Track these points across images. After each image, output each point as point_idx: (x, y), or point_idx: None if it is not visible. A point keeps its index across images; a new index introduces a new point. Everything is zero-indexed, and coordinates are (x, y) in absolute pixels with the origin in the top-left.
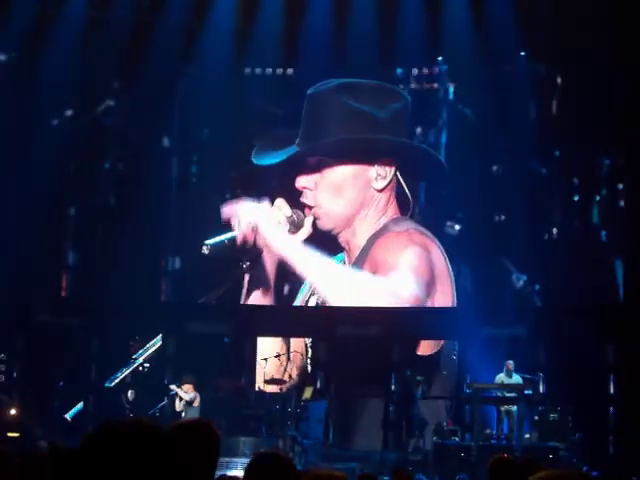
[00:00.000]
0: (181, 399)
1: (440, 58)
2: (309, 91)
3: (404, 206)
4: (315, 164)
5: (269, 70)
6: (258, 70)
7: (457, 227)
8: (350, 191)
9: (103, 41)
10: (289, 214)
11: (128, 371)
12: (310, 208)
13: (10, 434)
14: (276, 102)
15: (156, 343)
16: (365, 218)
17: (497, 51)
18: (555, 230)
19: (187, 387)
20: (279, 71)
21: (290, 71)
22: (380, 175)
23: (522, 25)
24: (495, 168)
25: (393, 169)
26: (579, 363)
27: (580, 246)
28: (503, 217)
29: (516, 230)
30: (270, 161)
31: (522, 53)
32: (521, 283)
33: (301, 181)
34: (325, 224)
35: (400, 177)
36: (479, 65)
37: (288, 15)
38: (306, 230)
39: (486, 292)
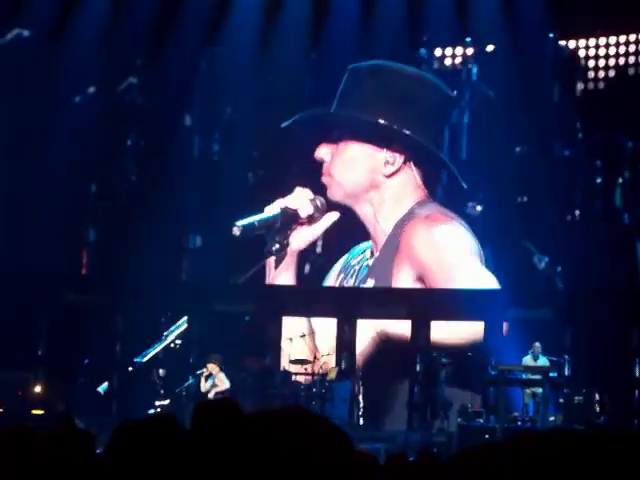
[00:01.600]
0: (207, 378)
1: (469, 39)
2: (351, 65)
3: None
4: (335, 137)
5: (295, 50)
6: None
7: (479, 208)
8: (358, 170)
9: (126, 18)
10: (312, 197)
11: (160, 347)
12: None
13: (35, 411)
14: (300, 81)
15: (182, 325)
16: (384, 203)
17: (522, 32)
18: (577, 212)
19: (212, 366)
20: (304, 51)
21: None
22: (388, 162)
23: (550, 6)
24: (518, 149)
25: (403, 157)
26: (605, 346)
27: (602, 228)
28: (525, 199)
29: (538, 212)
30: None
31: (550, 35)
32: (543, 265)
33: (320, 152)
34: (334, 194)
35: (413, 165)
36: (506, 46)
37: None
38: (330, 217)
39: (508, 273)
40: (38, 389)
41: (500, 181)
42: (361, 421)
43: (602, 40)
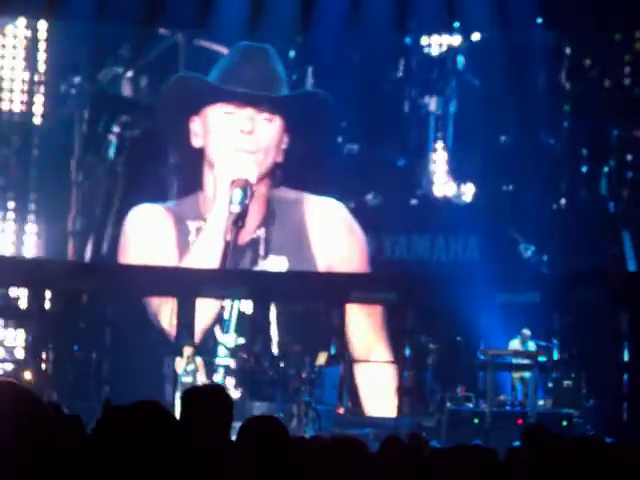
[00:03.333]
0: (188, 362)
1: (457, 24)
2: (243, 43)
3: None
4: (264, 109)
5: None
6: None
7: (464, 197)
8: (273, 151)
9: (113, 7)
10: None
11: None
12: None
13: None
14: (286, 68)
15: None
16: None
17: (509, 20)
18: (563, 201)
19: (187, 349)
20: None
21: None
22: (285, 143)
23: None
24: (503, 138)
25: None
26: (594, 330)
27: (588, 217)
28: (511, 187)
29: (524, 200)
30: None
31: (539, 20)
32: (529, 253)
33: (245, 124)
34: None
35: None
36: (493, 33)
37: None
38: None
39: (493, 261)
40: (28, 376)
41: (486, 170)
42: (350, 406)
43: None
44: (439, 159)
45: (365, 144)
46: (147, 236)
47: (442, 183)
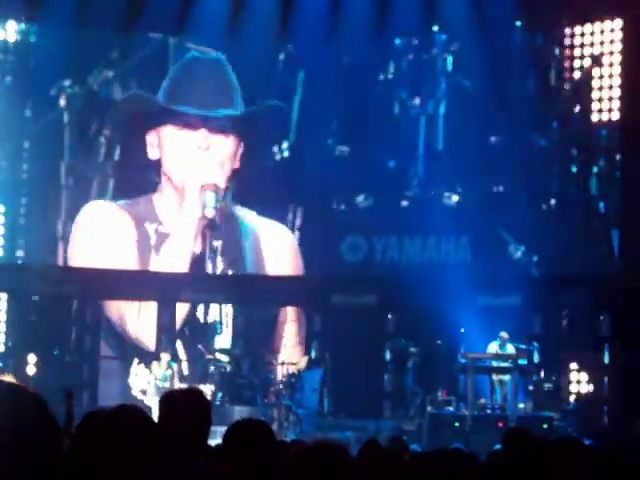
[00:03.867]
0: (167, 367)
1: (436, 28)
2: (194, 54)
3: None
4: (215, 126)
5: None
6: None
7: (455, 198)
8: (231, 160)
9: (102, 11)
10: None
11: None
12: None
13: None
14: (268, 73)
15: None
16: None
17: (493, 21)
18: (553, 201)
19: (164, 355)
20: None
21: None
22: (241, 149)
23: None
24: (493, 139)
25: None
26: (574, 333)
27: (578, 217)
28: (501, 188)
29: (514, 201)
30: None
31: (517, 23)
32: (519, 254)
33: (201, 142)
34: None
35: None
36: (477, 35)
37: None
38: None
39: (484, 262)
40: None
41: (476, 171)
42: (331, 410)
43: (577, 29)
44: (429, 160)
45: (356, 146)
46: (106, 234)
47: (432, 184)
